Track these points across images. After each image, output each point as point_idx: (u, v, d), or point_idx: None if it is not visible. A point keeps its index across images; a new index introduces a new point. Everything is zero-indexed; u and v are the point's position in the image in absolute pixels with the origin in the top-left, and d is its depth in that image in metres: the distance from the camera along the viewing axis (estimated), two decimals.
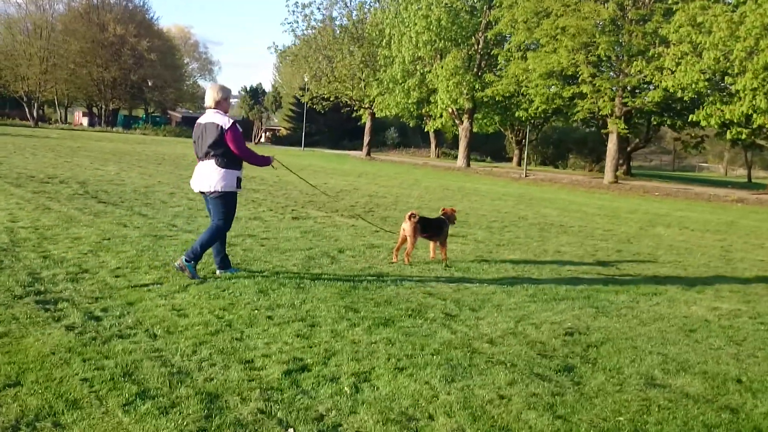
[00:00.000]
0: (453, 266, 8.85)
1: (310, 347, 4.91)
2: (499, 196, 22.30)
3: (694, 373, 5.15)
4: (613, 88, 31.68)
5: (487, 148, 72.53)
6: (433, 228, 9.22)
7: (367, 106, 47.04)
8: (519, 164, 58.51)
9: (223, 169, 6.84)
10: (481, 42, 39.64)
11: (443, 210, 9.60)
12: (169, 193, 14.86)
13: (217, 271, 7.18)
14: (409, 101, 40.41)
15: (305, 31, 48.31)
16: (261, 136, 65.01)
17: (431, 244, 9.46)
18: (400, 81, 39.62)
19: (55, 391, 3.87)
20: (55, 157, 23.21)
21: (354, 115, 53.21)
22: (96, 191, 14.00)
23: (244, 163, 7.17)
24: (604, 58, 32.04)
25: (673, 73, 27.51)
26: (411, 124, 54.77)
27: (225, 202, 6.97)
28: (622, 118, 32.98)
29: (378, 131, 75.58)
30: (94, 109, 73.49)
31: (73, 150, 28.64)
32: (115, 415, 3.64)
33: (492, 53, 39.16)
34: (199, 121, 7.07)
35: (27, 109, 63.31)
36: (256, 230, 10.55)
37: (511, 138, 61.30)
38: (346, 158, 46.86)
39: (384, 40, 41.30)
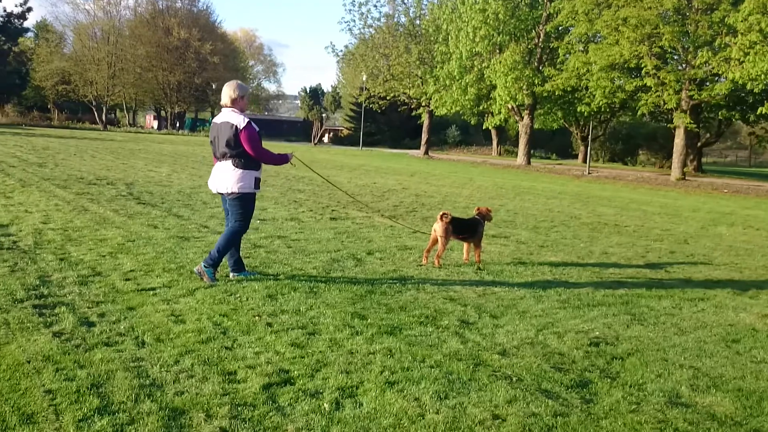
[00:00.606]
0: (485, 269, 8.41)
1: (302, 357, 4.59)
2: (554, 195, 21.58)
3: (726, 390, 4.61)
4: (679, 81, 30.29)
5: (553, 144, 70.99)
6: (466, 229, 8.81)
7: (424, 104, 46.52)
8: (585, 161, 57.02)
9: (241, 170, 6.65)
10: (541, 35, 38.64)
11: (478, 209, 9.15)
12: (212, 195, 14.81)
13: (231, 274, 6.95)
14: (466, 98, 39.68)
15: (362, 30, 48.25)
16: (319, 137, 65.24)
17: (465, 245, 9.04)
18: (457, 77, 38.97)
19: (15, 404, 3.66)
20: (113, 159, 23.67)
21: (414, 113, 52.74)
22: (140, 192, 14.08)
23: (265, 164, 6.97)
24: (669, 50, 30.67)
25: (741, 63, 26.07)
26: (472, 122, 53.94)
27: (243, 204, 6.78)
28: (688, 111, 31.52)
29: (439, 130, 74.97)
30: (162, 113, 75.29)
31: (133, 152, 29.22)
32: (67, 431, 3.40)
33: (552, 46, 38.06)
34: (214, 120, 6.88)
35: (96, 113, 65.35)
36: (288, 231, 10.33)
37: (577, 134, 59.72)
38: (404, 157, 46.51)
39: (441, 36, 40.73)
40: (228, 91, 6.76)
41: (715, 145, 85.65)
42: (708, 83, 31.34)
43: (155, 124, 76.52)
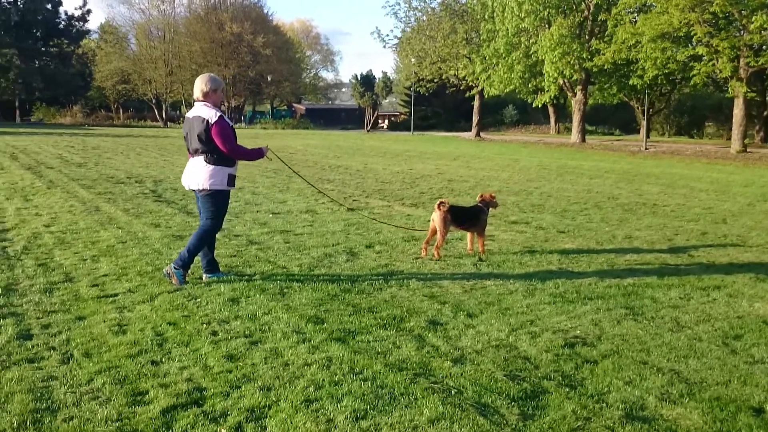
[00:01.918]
0: (488, 260, 7.92)
1: (228, 372, 4.26)
2: (600, 174, 20.66)
3: (702, 399, 4.05)
4: (734, 48, 28.51)
5: (616, 120, 68.68)
6: (468, 217, 8.32)
7: (473, 84, 45.49)
8: (647, 136, 54.92)
9: (213, 166, 6.40)
10: (591, 7, 37.12)
11: (481, 196, 8.65)
12: (237, 188, 14.65)
13: (203, 276, 6.69)
14: (513, 75, 38.53)
15: (407, 13, 47.51)
16: (372, 123, 64.97)
17: (468, 235, 8.56)
18: (504, 55, 37.89)
19: None
20: (157, 156, 23.92)
21: (467, 95, 51.74)
22: (165, 190, 14.05)
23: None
24: (721, 15, 28.89)
25: None
26: (529, 101, 52.57)
27: (214, 201, 6.52)
28: (745, 80, 29.68)
29: (495, 110, 73.56)
30: (222, 107, 76.27)
31: (181, 148, 29.50)
32: None
33: (601, 19, 36.51)
34: (187, 115, 6.65)
35: (156, 111, 66.75)
36: (296, 225, 10.05)
37: (637, 108, 57.52)
38: (454, 140, 45.72)
39: (487, 14, 39.63)
40: (200, 85, 6.52)
41: None
42: (765, 48, 29.41)
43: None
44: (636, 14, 33.08)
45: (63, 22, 68.13)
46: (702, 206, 13.32)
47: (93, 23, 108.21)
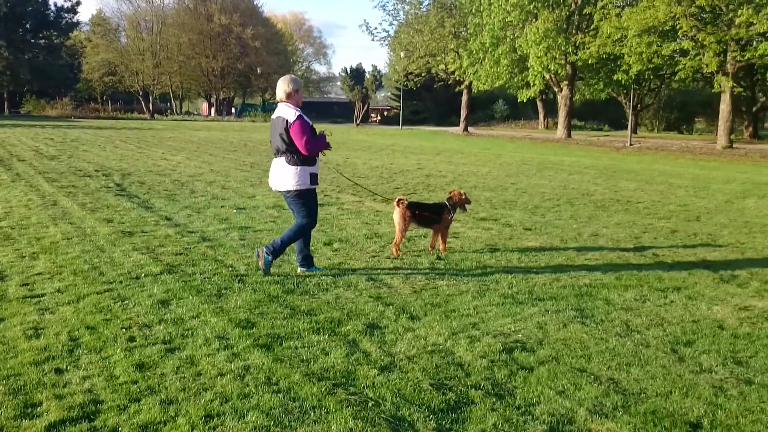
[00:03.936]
0: (446, 259, 7.67)
1: (134, 383, 3.99)
2: (580, 170, 20.43)
3: (636, 413, 3.81)
4: (720, 42, 28.26)
5: (607, 115, 68.43)
6: (429, 215, 8.06)
7: (461, 79, 45.13)
8: (634, 131, 54.74)
9: (296, 167, 6.50)
10: (579, 1, 36.79)
11: (450, 193, 8.37)
12: (208, 182, 14.42)
13: (299, 269, 6.81)
14: (500, 70, 38.23)
15: (396, 6, 47.11)
16: (362, 117, 64.60)
17: (432, 233, 8.29)
18: (490, 49, 37.57)
19: None
20: (135, 149, 23.58)
21: (457, 90, 51.41)
22: (131, 183, 13.76)
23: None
24: (707, 9, 28.63)
25: None
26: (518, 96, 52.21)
27: (304, 201, 6.64)
28: (731, 75, 29.43)
29: (486, 105, 73.21)
30: (212, 100, 75.74)
31: (162, 140, 29.19)
32: None
33: (585, 12, 36.19)
34: (272, 117, 6.78)
35: (143, 103, 66.19)
36: (258, 221, 9.79)
37: (625, 103, 57.39)
38: (441, 135, 45.41)
39: (474, 7, 39.28)
40: (283, 86, 6.61)
41: None
42: (754, 43, 29.16)
43: (212, 111, 76.92)
44: (622, 8, 32.77)
45: (53, 14, 67.55)
46: (678, 203, 13.11)
47: (84, 15, 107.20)
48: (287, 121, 6.39)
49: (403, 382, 4.11)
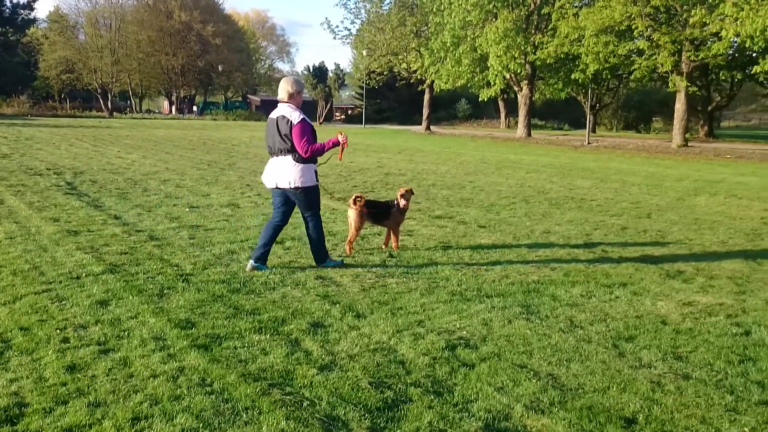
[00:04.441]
0: (398, 256, 7.64)
1: (63, 385, 3.88)
2: (537, 168, 20.60)
3: (572, 408, 3.82)
4: (675, 42, 28.73)
5: (567, 115, 69.14)
6: (381, 212, 8.02)
7: (422, 78, 45.21)
8: (593, 131, 55.43)
9: (302, 164, 6.64)
10: (537, 1, 37.10)
11: (402, 190, 8.32)
12: (163, 180, 14.20)
13: (250, 265, 6.79)
14: (461, 69, 38.39)
15: (357, 4, 46.99)
16: (325, 115, 64.39)
17: (386, 230, 8.25)
18: (451, 48, 37.69)
19: None
20: (89, 147, 23.12)
21: (420, 89, 51.45)
22: (82, 182, 13.47)
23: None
24: (662, 9, 29.09)
25: (736, 21, 24.53)
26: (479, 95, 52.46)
27: (310, 198, 6.84)
28: (685, 74, 29.94)
29: (449, 103, 73.49)
30: (173, 98, 74.69)
31: (118, 139, 28.67)
32: None
33: (544, 12, 36.51)
34: (271, 115, 6.86)
35: (101, 101, 64.97)
36: (211, 219, 9.66)
37: (584, 103, 58.13)
38: (404, 134, 45.46)
39: (435, 6, 39.35)
40: (286, 87, 6.74)
41: (740, 108, 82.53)
42: (708, 43, 29.73)
43: (174, 109, 75.80)
44: (579, 8, 33.13)
45: (8, 11, 65.87)
46: (630, 200, 13.28)
47: (42, 12, 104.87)
48: (290, 121, 6.53)
49: (341, 382, 4.06)
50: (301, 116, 6.61)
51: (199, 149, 24.22)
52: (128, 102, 73.76)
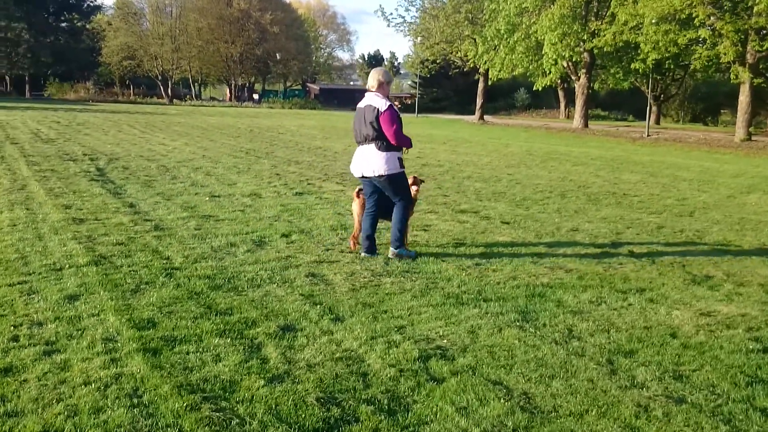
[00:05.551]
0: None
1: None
2: (585, 161, 19.79)
3: None
4: (738, 32, 27.22)
5: (631, 105, 66.84)
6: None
7: (476, 66, 44.31)
8: (657, 122, 53.52)
9: (386, 153, 6.75)
10: None
11: (410, 178, 7.89)
12: (195, 168, 14.10)
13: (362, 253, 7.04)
14: (515, 57, 37.40)
15: None
16: None
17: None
18: (505, 36, 36.74)
19: None
20: (137, 134, 23.35)
21: (476, 77, 50.56)
22: (113, 168, 13.48)
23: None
24: None
25: None
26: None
27: (397, 184, 6.92)
28: (750, 65, 28.34)
29: (507, 93, 72.10)
30: (232, 86, 75.53)
31: (168, 125, 28.96)
32: None
33: None
34: (359, 104, 7.00)
35: (162, 88, 66.17)
36: (226, 209, 9.43)
37: (647, 93, 56.20)
38: (456, 123, 44.71)
39: None
40: (376, 76, 6.94)
41: None
42: None
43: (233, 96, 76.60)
44: None
45: None
46: (676, 197, 12.51)
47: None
48: (378, 109, 6.64)
49: (285, 396, 3.69)
50: (389, 104, 6.72)
51: (244, 137, 24.20)
52: (189, 89, 74.96)
